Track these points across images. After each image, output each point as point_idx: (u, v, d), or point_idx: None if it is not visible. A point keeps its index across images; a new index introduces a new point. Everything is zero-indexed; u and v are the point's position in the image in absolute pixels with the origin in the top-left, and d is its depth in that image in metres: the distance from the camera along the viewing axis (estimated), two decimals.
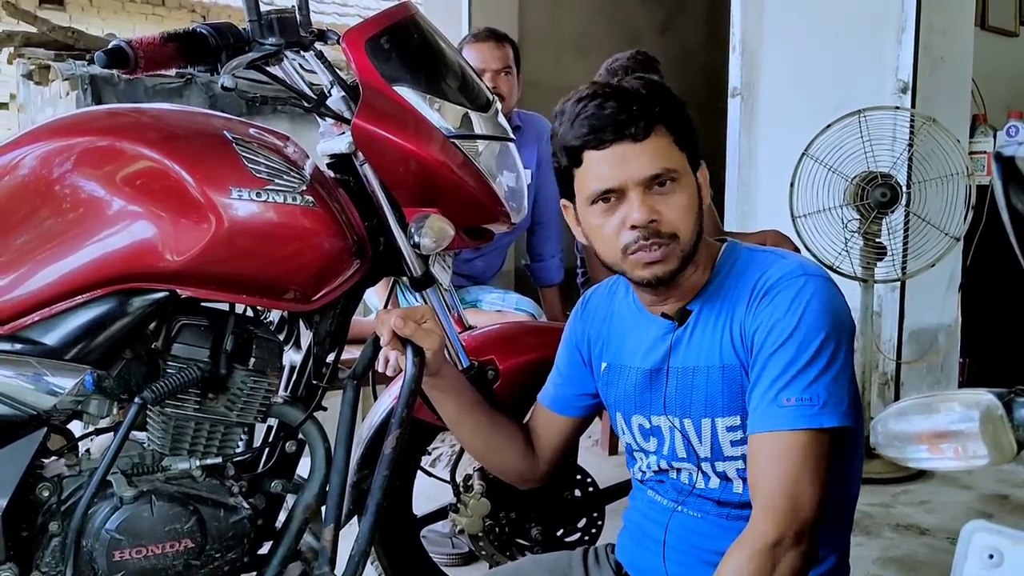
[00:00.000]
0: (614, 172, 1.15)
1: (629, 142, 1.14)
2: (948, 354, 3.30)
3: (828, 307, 1.14)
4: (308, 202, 1.30)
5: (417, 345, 1.30)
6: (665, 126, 1.16)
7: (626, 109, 1.14)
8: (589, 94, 1.17)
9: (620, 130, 1.14)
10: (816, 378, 1.11)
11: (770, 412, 1.11)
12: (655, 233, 1.15)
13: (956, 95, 3.21)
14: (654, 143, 1.15)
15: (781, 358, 1.12)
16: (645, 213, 1.14)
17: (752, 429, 1.14)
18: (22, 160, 1.26)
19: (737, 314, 1.18)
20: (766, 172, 3.23)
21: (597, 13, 4.95)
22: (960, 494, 2.71)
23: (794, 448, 1.10)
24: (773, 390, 1.12)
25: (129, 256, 1.24)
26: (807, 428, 1.10)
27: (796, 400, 1.10)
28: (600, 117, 1.15)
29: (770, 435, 1.11)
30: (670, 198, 1.16)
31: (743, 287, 1.20)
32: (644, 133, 1.14)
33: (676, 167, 1.16)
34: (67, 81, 3.63)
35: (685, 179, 1.18)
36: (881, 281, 2.88)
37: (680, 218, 1.16)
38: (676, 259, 1.17)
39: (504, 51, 2.54)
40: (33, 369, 1.22)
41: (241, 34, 1.32)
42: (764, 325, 1.15)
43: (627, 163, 1.15)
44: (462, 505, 1.59)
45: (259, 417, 1.36)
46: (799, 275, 1.16)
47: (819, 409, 1.10)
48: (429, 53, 1.41)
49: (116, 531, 1.27)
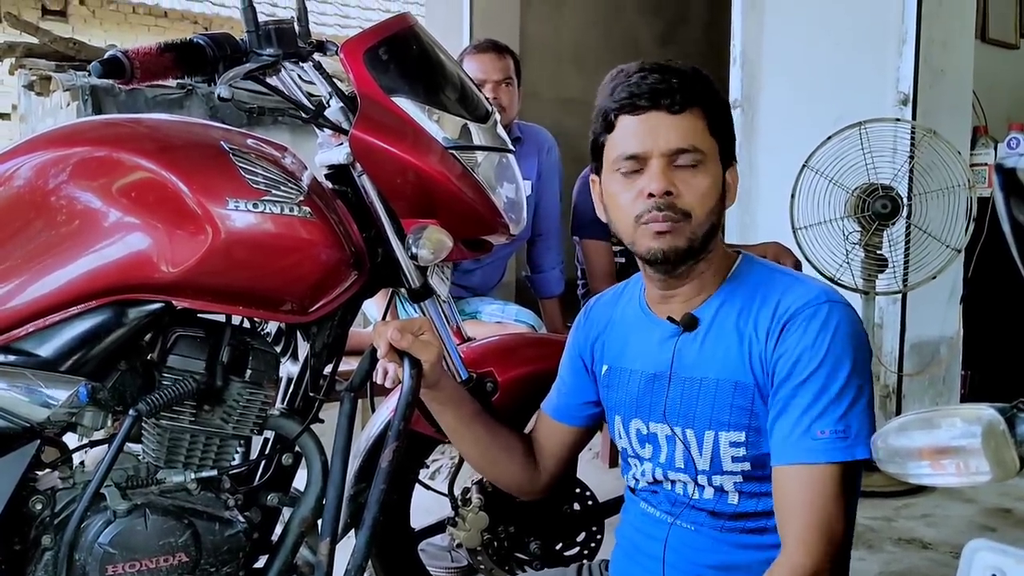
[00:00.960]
0: (642, 139, 1.17)
1: (663, 112, 1.16)
2: (950, 366, 3.28)
3: (852, 335, 1.14)
4: (306, 213, 1.29)
5: (414, 357, 1.30)
6: (702, 109, 1.18)
7: (666, 81, 1.16)
8: (636, 67, 1.19)
9: (656, 99, 1.16)
10: (848, 409, 1.11)
11: (803, 444, 1.11)
12: (670, 206, 1.16)
13: (957, 107, 3.21)
14: (687, 120, 1.17)
15: (811, 388, 1.12)
16: (663, 183, 1.16)
17: (781, 460, 1.13)
18: (18, 170, 1.25)
19: (759, 335, 1.17)
20: (766, 184, 3.22)
21: (598, 25, 4.97)
22: (963, 508, 2.69)
23: (828, 480, 1.10)
24: (804, 421, 1.12)
25: (125, 267, 1.23)
26: (843, 461, 1.10)
27: (830, 432, 1.11)
28: (640, 86, 1.17)
29: (803, 467, 1.11)
30: (691, 177, 1.17)
31: (763, 306, 1.19)
32: (680, 107, 1.16)
33: (704, 149, 1.18)
34: (68, 92, 3.64)
35: (711, 165, 1.19)
36: (882, 293, 2.87)
37: (696, 199, 1.17)
38: (685, 238, 1.17)
39: (505, 62, 2.54)
40: (27, 381, 1.21)
41: (239, 44, 1.32)
42: (790, 353, 1.14)
43: (656, 132, 1.16)
44: (460, 519, 1.58)
45: (255, 429, 1.35)
46: (823, 302, 1.16)
47: (852, 440, 1.11)
48: (427, 64, 1.41)
49: (109, 545, 1.26)
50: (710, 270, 1.22)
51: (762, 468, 1.18)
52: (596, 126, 1.23)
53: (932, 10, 3.00)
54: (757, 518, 1.20)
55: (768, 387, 1.16)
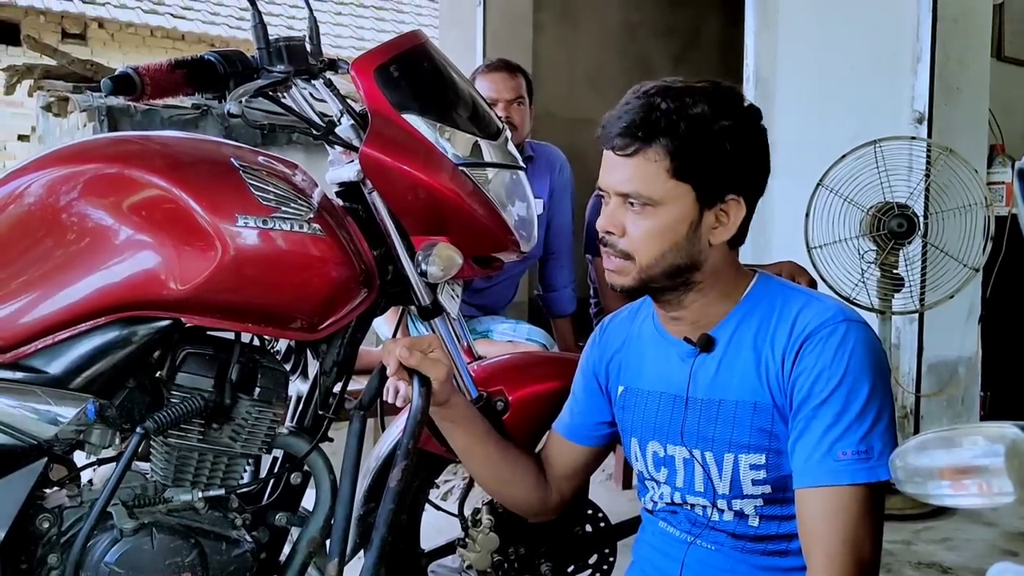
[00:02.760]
0: (603, 175, 1.20)
1: (614, 153, 1.17)
2: (968, 387, 3.24)
3: (871, 354, 1.13)
4: (315, 230, 1.28)
5: (424, 375, 1.28)
6: (667, 151, 1.14)
7: (630, 123, 1.15)
8: (635, 91, 1.19)
9: (612, 140, 1.17)
10: (870, 430, 1.10)
11: (825, 466, 1.10)
12: (612, 245, 1.19)
13: (973, 125, 3.18)
14: (639, 164, 1.15)
15: (831, 409, 1.10)
16: (604, 222, 1.19)
17: (804, 482, 1.11)
18: (29, 187, 1.25)
19: (775, 355, 1.16)
20: (781, 202, 3.20)
21: (611, 45, 4.98)
22: (984, 531, 2.64)
23: (853, 502, 1.08)
24: (825, 443, 1.10)
25: (134, 284, 1.23)
26: (866, 482, 1.09)
27: (852, 453, 1.09)
28: (614, 120, 1.18)
29: (826, 489, 1.09)
30: (638, 219, 1.17)
31: (779, 326, 1.17)
32: (633, 151, 1.15)
33: (655, 195, 1.15)
34: (84, 113, 3.67)
35: (668, 208, 1.16)
36: (899, 313, 2.84)
37: (639, 242, 1.17)
38: (632, 279, 1.18)
39: (516, 81, 2.54)
40: (35, 398, 1.21)
41: (250, 62, 1.32)
42: (808, 373, 1.12)
43: (611, 171, 1.19)
44: (470, 540, 1.56)
45: (264, 448, 1.34)
46: (840, 320, 1.14)
47: (875, 461, 1.09)
48: (439, 81, 1.41)
49: (116, 564, 1.24)
50: (710, 296, 1.21)
51: (783, 491, 1.16)
52: None
53: (947, 28, 2.98)
54: (778, 540, 1.18)
55: (787, 407, 1.14)
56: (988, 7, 3.28)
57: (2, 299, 1.23)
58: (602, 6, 4.98)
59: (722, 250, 1.20)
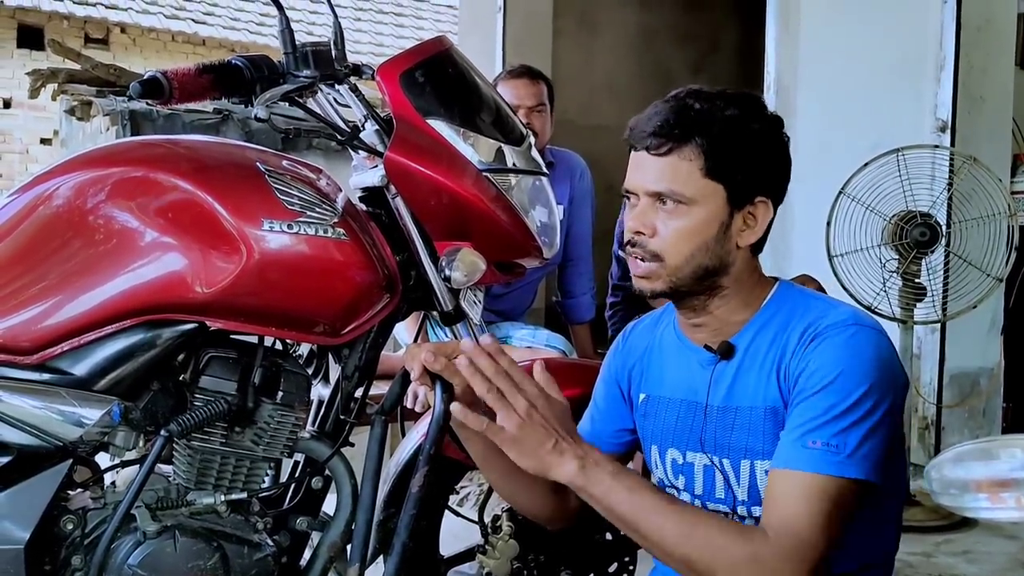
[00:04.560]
0: (632, 175, 1.19)
1: (647, 153, 1.17)
2: (991, 398, 3.21)
3: (876, 359, 1.11)
4: (339, 235, 1.29)
5: (446, 381, 1.28)
6: (700, 150, 1.15)
7: (664, 122, 1.15)
8: (667, 96, 1.19)
9: (645, 140, 1.16)
10: (849, 427, 1.07)
11: (794, 451, 1.08)
12: (641, 246, 1.17)
13: (997, 134, 3.16)
14: (673, 163, 1.15)
15: (819, 402, 1.09)
16: (635, 223, 1.18)
17: (774, 464, 1.11)
18: (57, 190, 1.26)
19: (785, 357, 1.15)
20: (801, 211, 3.19)
21: (630, 53, 4.98)
22: (1005, 544, 2.61)
23: (812, 491, 1.06)
24: (801, 429, 1.09)
25: (159, 287, 1.24)
26: (828, 474, 1.06)
27: (823, 444, 1.07)
28: (645, 120, 1.17)
29: (789, 472, 1.08)
30: (669, 219, 1.16)
31: (793, 331, 1.16)
32: (667, 150, 1.15)
33: (689, 193, 1.15)
34: (107, 117, 3.70)
35: (700, 208, 1.16)
36: (921, 322, 2.82)
37: (670, 242, 1.16)
38: (662, 282, 1.17)
39: (539, 88, 2.55)
40: (60, 399, 1.21)
41: (276, 66, 1.32)
42: (808, 369, 1.12)
43: (643, 171, 1.18)
44: (490, 546, 1.56)
45: (286, 452, 1.35)
46: (851, 323, 1.13)
47: (844, 458, 1.06)
48: (463, 87, 1.41)
49: (138, 566, 1.25)
50: (732, 303, 1.20)
51: None
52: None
53: (971, 36, 2.96)
54: None
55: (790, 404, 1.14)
56: (1012, 16, 3.26)
57: (29, 301, 1.24)
58: (621, 13, 4.98)
59: (747, 254, 1.21)
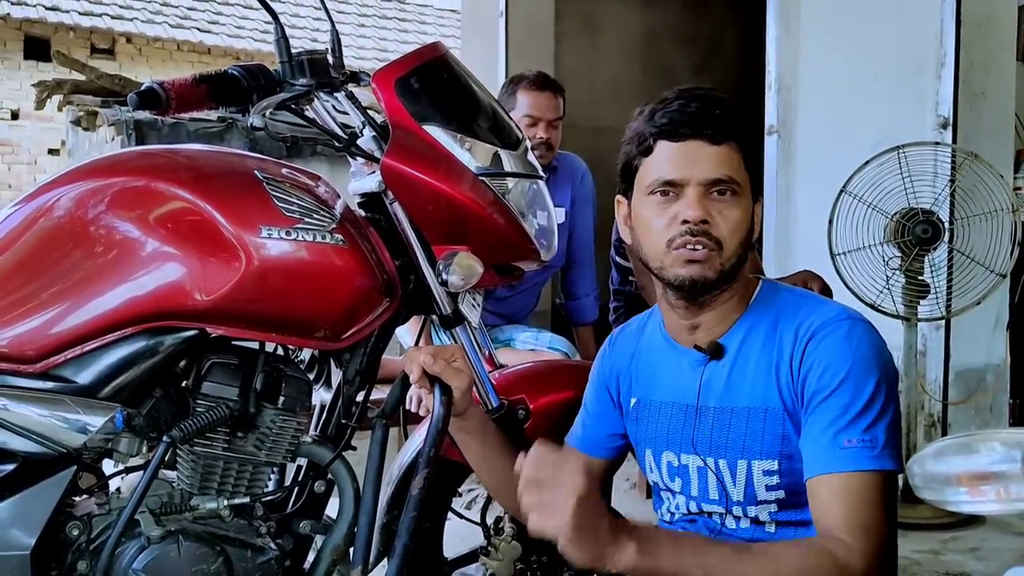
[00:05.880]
0: (681, 166, 1.17)
1: (704, 141, 1.16)
2: (997, 395, 3.20)
3: (876, 351, 1.14)
4: (338, 240, 1.30)
5: (445, 384, 1.29)
6: (738, 143, 1.18)
7: (709, 112, 1.17)
8: (675, 95, 1.20)
9: (698, 128, 1.16)
10: (874, 422, 1.10)
11: (831, 453, 1.10)
12: (704, 233, 1.16)
13: (998, 130, 3.15)
14: (726, 151, 1.17)
15: (838, 401, 1.11)
16: (700, 211, 1.15)
17: (813, 471, 1.12)
18: (59, 201, 1.28)
19: (784, 358, 1.17)
20: (804, 210, 3.19)
21: (632, 55, 4.98)
22: (1013, 541, 2.60)
23: (861, 487, 1.09)
24: (831, 432, 1.11)
25: (160, 295, 1.25)
26: (871, 469, 1.09)
27: (857, 441, 1.10)
28: (682, 113, 1.17)
29: (834, 476, 1.10)
30: (725, 208, 1.17)
31: (785, 329, 1.18)
32: (720, 138, 1.16)
33: (740, 181, 1.18)
34: (112, 126, 3.73)
35: (744, 198, 1.19)
36: (925, 320, 2.81)
37: (730, 229, 1.17)
38: (715, 268, 1.16)
39: (558, 102, 2.54)
40: (65, 407, 1.23)
41: (272, 75, 1.34)
42: (816, 368, 1.14)
43: (696, 161, 1.16)
44: (493, 548, 1.56)
45: (288, 456, 1.36)
46: (844, 318, 1.16)
47: (880, 451, 1.09)
48: (459, 92, 1.42)
49: (143, 571, 1.26)
50: (733, 299, 1.22)
51: (797, 496, 1.16)
52: (630, 148, 1.22)
53: (971, 32, 2.96)
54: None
55: (798, 407, 1.15)
56: (1012, 11, 3.25)
57: (32, 310, 1.26)
58: (623, 15, 4.98)
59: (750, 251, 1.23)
